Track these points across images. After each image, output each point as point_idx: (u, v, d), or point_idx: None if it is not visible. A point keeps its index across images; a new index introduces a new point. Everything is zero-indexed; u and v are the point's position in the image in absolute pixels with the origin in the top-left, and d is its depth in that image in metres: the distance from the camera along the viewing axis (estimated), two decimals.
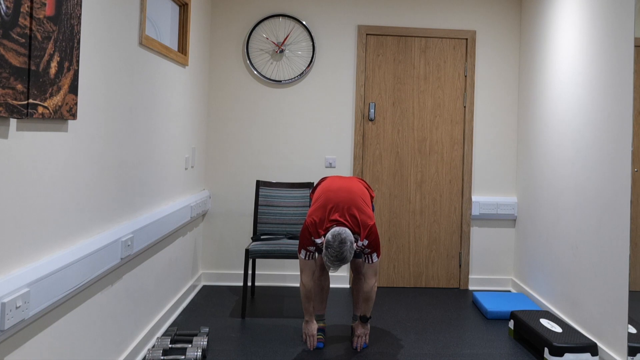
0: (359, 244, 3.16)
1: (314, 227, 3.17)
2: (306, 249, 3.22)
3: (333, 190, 3.24)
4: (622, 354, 3.05)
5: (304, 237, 3.21)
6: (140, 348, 3.13)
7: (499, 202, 4.78)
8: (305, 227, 3.20)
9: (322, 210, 3.18)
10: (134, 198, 2.97)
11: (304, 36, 4.74)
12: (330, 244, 2.99)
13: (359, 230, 3.15)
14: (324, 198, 3.22)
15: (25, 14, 1.79)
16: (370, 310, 3.33)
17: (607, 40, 3.32)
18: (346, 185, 3.27)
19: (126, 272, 2.90)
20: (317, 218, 3.18)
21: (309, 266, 3.25)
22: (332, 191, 3.23)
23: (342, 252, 2.97)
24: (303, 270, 3.26)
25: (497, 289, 4.83)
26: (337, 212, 3.15)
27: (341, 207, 3.16)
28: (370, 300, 3.29)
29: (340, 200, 3.18)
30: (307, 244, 3.21)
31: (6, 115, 1.71)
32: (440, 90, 4.81)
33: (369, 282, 3.25)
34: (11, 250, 1.85)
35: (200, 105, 4.44)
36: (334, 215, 3.14)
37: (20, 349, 1.92)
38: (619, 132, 3.14)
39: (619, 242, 3.12)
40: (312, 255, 3.24)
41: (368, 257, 3.21)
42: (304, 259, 3.24)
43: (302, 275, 3.26)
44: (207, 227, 4.73)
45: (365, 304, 3.31)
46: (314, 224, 3.17)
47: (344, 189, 3.24)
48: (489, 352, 3.39)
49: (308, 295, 3.26)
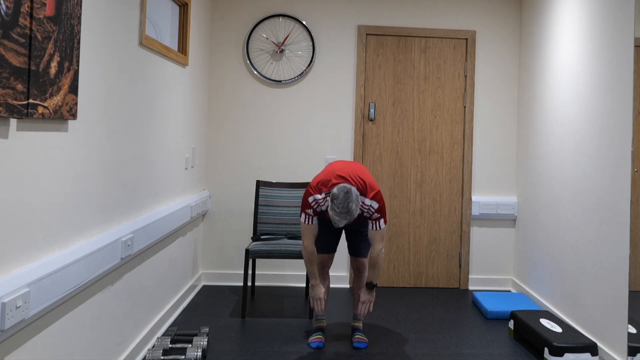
0: (367, 202, 3.18)
1: (316, 186, 3.21)
2: (305, 212, 3.24)
3: (338, 163, 3.34)
4: (622, 354, 3.05)
5: (305, 200, 3.24)
6: (140, 348, 3.13)
7: (499, 202, 4.78)
8: (308, 189, 3.24)
9: (326, 173, 3.25)
10: (134, 198, 2.97)
11: (304, 36, 4.74)
12: (336, 196, 3.01)
13: (366, 190, 3.19)
14: (330, 167, 3.30)
15: (25, 14, 1.79)
16: (377, 277, 3.32)
17: (607, 40, 3.32)
18: (351, 163, 3.36)
19: (126, 272, 2.90)
20: (321, 178, 3.23)
21: (310, 230, 3.26)
22: (337, 163, 3.33)
23: (347, 202, 2.99)
24: (304, 234, 3.28)
25: (497, 289, 4.83)
26: (344, 174, 3.21)
27: (347, 172, 3.22)
28: (377, 265, 3.28)
29: (346, 167, 3.26)
30: (306, 206, 3.23)
31: (6, 115, 1.71)
32: (440, 90, 4.81)
33: (376, 246, 3.25)
34: (11, 250, 1.85)
35: (200, 105, 4.44)
36: (339, 174, 3.20)
37: (20, 349, 1.92)
38: (619, 132, 3.14)
39: (619, 242, 3.12)
40: (312, 219, 3.24)
41: (375, 222, 3.23)
42: (304, 223, 3.26)
43: (304, 238, 3.29)
44: (207, 227, 4.73)
45: (371, 269, 3.30)
46: (317, 183, 3.22)
47: (349, 163, 3.33)
48: (489, 352, 3.39)
49: (310, 258, 3.27)
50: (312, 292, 3.33)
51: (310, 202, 3.21)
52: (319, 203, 3.19)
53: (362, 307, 3.35)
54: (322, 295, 3.31)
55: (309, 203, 3.22)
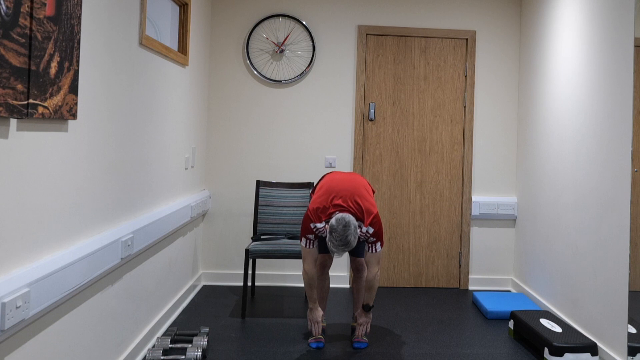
0: (363, 230, 3.18)
1: (315, 214, 3.19)
2: (306, 237, 3.24)
3: (336, 180, 3.29)
4: (622, 354, 3.05)
5: (305, 225, 3.23)
6: (140, 348, 3.13)
7: (499, 202, 4.78)
8: (307, 214, 3.22)
9: (324, 198, 3.21)
10: (134, 198, 2.97)
11: (304, 36, 4.74)
12: (334, 229, 3.01)
13: (362, 216, 3.17)
14: (327, 187, 3.26)
15: (26, 14, 1.79)
16: (372, 299, 3.34)
17: (607, 40, 3.32)
18: (348, 177, 3.32)
19: (126, 272, 2.90)
20: (319, 204, 3.20)
21: (311, 254, 3.26)
22: (335, 181, 3.28)
23: (346, 235, 2.99)
24: (305, 258, 3.28)
25: (497, 289, 4.83)
26: (341, 199, 3.18)
27: (344, 195, 3.20)
28: (373, 289, 3.30)
29: (344, 189, 3.22)
30: (307, 232, 3.22)
31: (6, 115, 1.71)
32: (440, 91, 4.81)
33: (372, 270, 3.26)
34: (11, 250, 1.85)
35: (200, 105, 4.44)
36: (337, 201, 3.17)
37: (20, 349, 1.92)
38: (619, 132, 3.14)
39: (619, 242, 3.12)
40: (313, 243, 3.25)
41: (372, 246, 3.24)
42: (305, 247, 3.25)
43: (304, 263, 3.28)
44: (207, 227, 4.73)
45: (368, 292, 3.32)
46: (315, 210, 3.19)
47: (346, 180, 3.29)
48: (489, 352, 3.39)
49: (311, 282, 3.27)
50: (310, 315, 3.35)
51: (312, 228, 3.21)
52: (319, 230, 3.20)
53: (360, 329, 3.39)
54: (319, 318, 3.34)
55: (311, 229, 3.21)
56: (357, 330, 3.40)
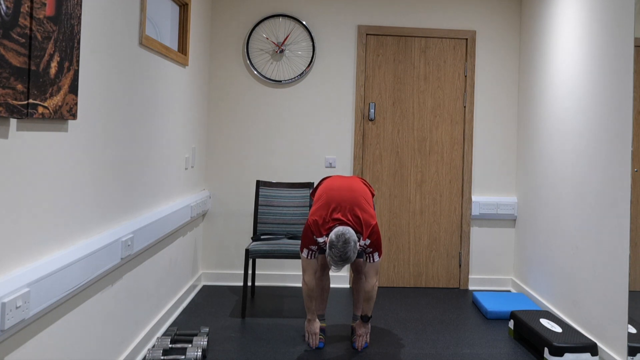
0: (361, 243, 3.17)
1: (316, 227, 3.17)
2: (308, 248, 3.22)
3: (335, 189, 3.24)
4: (622, 354, 3.05)
5: (306, 237, 3.21)
6: (140, 348, 3.13)
7: (499, 202, 4.78)
8: (308, 226, 3.20)
9: (324, 210, 3.18)
10: (134, 198, 2.97)
11: (304, 36, 4.74)
12: (334, 244, 2.98)
13: (361, 229, 3.15)
14: (326, 197, 3.22)
15: (26, 14, 1.79)
16: (371, 309, 3.33)
17: (607, 40, 3.32)
18: (347, 184, 3.27)
19: (126, 272, 2.90)
20: (319, 217, 3.18)
21: (311, 265, 3.25)
22: (334, 190, 3.24)
23: (346, 252, 2.97)
24: (305, 270, 3.26)
25: (497, 289, 4.83)
26: (340, 212, 3.15)
27: (343, 207, 3.17)
28: (371, 299, 3.29)
29: (343, 199, 3.18)
30: (309, 243, 3.21)
31: (6, 115, 1.71)
32: (440, 91, 4.81)
33: (370, 281, 3.25)
34: (11, 250, 1.85)
35: (200, 105, 4.44)
36: (336, 215, 3.15)
37: (20, 349, 1.92)
38: (619, 132, 3.14)
39: (619, 242, 3.12)
40: (315, 254, 3.24)
41: (370, 256, 3.22)
42: (307, 258, 3.24)
43: (305, 274, 3.26)
44: (207, 227, 4.73)
45: (366, 303, 3.31)
46: (316, 223, 3.17)
47: (345, 188, 3.24)
48: (489, 352, 3.39)
49: (310, 294, 3.26)
50: (308, 327, 3.35)
51: (314, 240, 3.20)
52: (321, 244, 3.20)
53: (360, 340, 3.37)
54: (317, 330, 3.34)
55: (314, 240, 3.20)
56: (357, 341, 3.37)
